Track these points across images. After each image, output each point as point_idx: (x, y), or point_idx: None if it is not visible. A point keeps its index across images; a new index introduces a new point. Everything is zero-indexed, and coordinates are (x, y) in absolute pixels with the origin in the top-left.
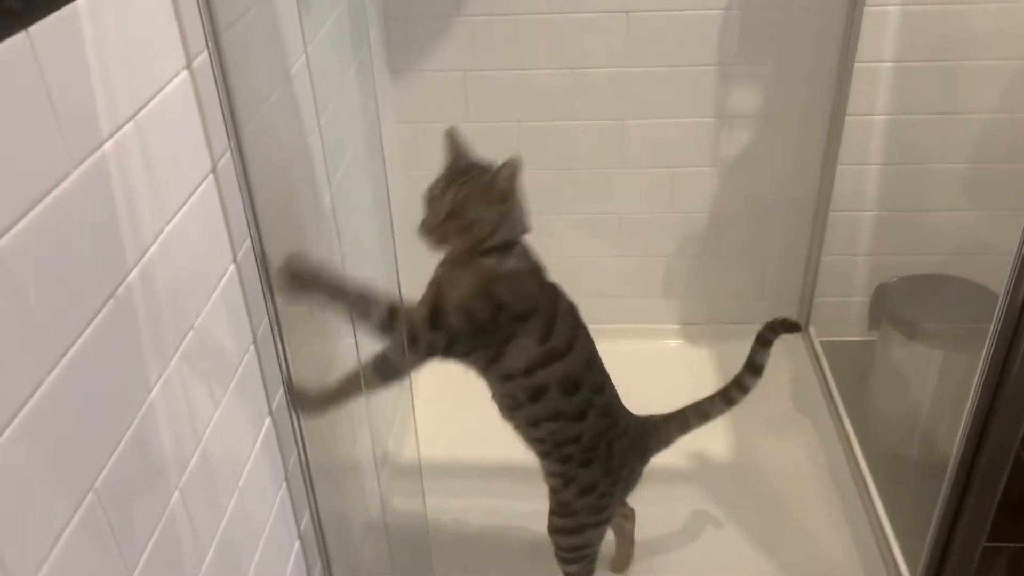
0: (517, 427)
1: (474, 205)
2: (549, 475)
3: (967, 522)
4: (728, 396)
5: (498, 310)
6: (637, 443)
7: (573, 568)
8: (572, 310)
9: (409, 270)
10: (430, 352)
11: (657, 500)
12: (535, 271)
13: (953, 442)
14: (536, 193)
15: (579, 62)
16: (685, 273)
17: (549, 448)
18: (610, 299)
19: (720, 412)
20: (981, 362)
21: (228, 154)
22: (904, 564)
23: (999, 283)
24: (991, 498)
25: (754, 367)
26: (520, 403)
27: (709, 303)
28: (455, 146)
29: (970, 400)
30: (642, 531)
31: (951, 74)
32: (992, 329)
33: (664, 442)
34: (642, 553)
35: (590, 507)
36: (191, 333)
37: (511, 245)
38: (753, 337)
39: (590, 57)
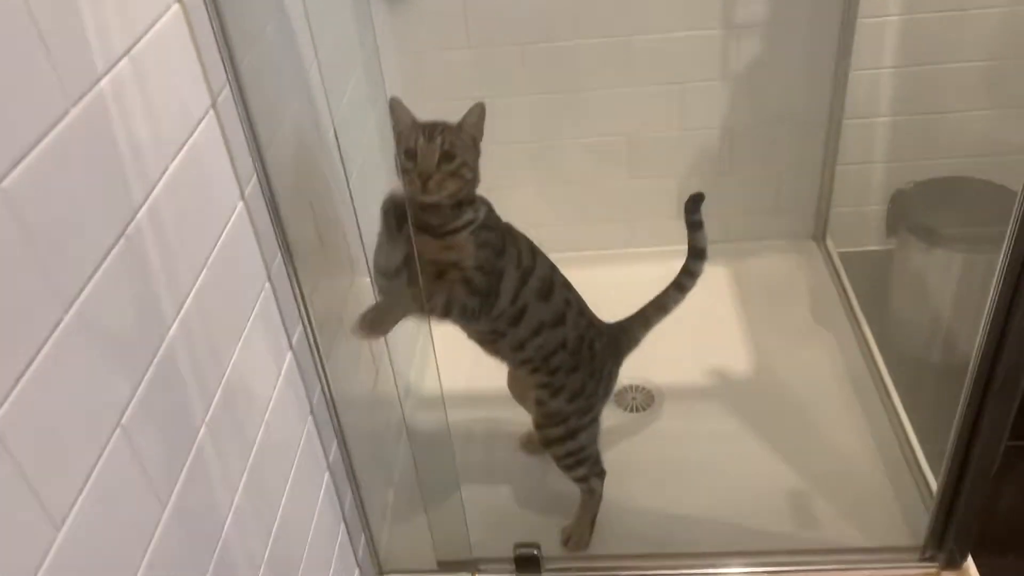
0: (502, 356)
1: (460, 148)
2: (536, 387)
3: (988, 422)
4: (680, 285)
5: (497, 256)
6: (611, 343)
7: (580, 472)
8: (511, 226)
9: None
10: (473, 316)
11: (681, 416)
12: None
13: (973, 344)
14: (544, 117)
15: None
16: (698, 191)
17: (538, 364)
18: (623, 223)
19: (676, 302)
20: (999, 262)
21: (227, 89)
22: (927, 466)
23: (1019, 182)
24: (1012, 397)
25: (697, 251)
26: (502, 332)
27: (724, 221)
28: (403, 111)
29: (989, 301)
30: (668, 447)
31: None
32: (1010, 228)
33: (634, 340)
34: (669, 469)
35: (579, 410)
36: (204, 271)
37: (474, 194)
38: (769, 251)
39: None
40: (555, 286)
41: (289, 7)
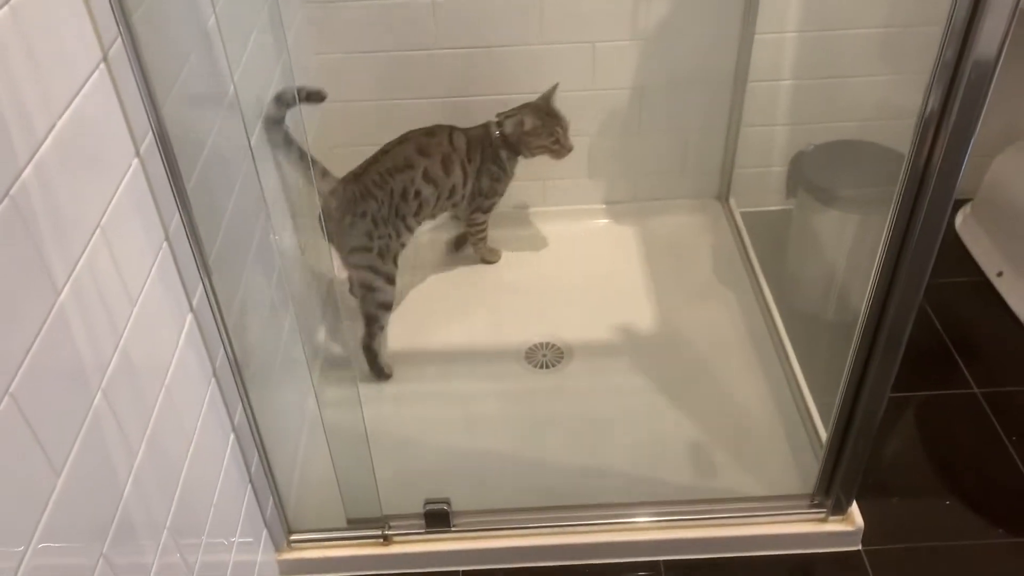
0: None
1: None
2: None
3: (874, 375)
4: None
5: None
6: None
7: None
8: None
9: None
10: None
11: (590, 372)
12: None
13: (863, 301)
14: (457, 77)
15: None
16: (609, 151)
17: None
18: (536, 182)
19: None
20: (887, 223)
21: (119, 41)
22: (819, 417)
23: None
24: (896, 352)
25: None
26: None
27: (633, 181)
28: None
29: (877, 260)
30: (576, 403)
31: None
32: (897, 191)
33: None
34: (577, 424)
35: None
36: (98, 232)
37: None
38: (675, 210)
39: None
40: None
41: None
